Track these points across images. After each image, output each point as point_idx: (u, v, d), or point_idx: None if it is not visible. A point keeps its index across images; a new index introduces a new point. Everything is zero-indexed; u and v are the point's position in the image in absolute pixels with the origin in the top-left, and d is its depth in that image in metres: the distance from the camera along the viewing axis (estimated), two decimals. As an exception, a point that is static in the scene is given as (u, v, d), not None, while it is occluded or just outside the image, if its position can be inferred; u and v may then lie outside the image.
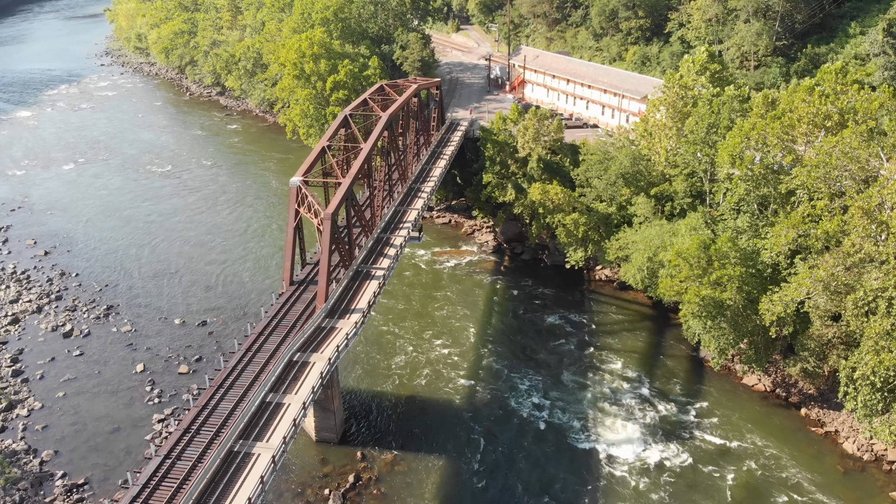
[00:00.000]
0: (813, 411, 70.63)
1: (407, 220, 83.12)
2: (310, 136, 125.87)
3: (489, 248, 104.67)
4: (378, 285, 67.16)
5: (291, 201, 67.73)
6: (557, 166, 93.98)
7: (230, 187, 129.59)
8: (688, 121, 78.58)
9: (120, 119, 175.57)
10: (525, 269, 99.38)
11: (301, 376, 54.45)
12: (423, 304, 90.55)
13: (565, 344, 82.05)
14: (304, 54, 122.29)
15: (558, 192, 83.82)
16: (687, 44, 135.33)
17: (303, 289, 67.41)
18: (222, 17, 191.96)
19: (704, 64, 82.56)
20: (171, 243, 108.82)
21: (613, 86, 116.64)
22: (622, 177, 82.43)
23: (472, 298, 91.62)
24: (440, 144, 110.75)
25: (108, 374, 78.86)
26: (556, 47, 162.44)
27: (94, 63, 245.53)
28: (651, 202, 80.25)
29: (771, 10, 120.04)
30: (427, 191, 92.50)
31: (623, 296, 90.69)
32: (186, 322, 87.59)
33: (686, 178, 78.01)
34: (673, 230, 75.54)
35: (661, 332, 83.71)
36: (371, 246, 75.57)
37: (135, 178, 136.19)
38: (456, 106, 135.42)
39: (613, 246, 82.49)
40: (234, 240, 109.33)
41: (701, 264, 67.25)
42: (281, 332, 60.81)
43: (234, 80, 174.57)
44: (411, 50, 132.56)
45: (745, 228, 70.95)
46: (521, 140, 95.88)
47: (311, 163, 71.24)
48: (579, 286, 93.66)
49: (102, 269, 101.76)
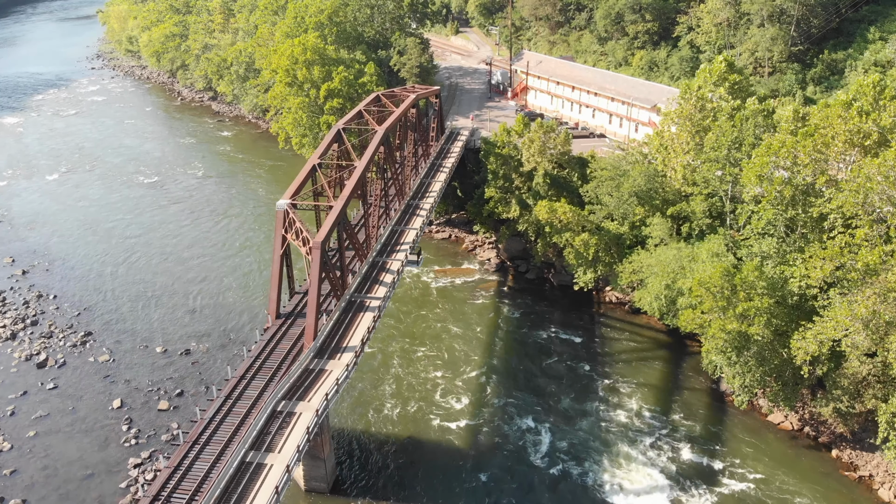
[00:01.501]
0: (845, 453, 65.04)
1: (405, 242, 77.43)
2: (303, 146, 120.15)
3: (491, 266, 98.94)
4: (373, 318, 61.44)
5: (278, 227, 61.99)
6: (564, 181, 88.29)
7: (218, 199, 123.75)
8: (707, 136, 72.89)
9: (107, 126, 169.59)
10: (530, 289, 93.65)
11: (286, 430, 48.73)
12: (423, 330, 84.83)
13: (576, 376, 76.34)
14: (296, 60, 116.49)
15: (567, 210, 78.12)
16: (696, 48, 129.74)
17: (290, 322, 61.66)
18: (214, 20, 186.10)
19: (723, 74, 76.83)
20: (156, 260, 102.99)
21: (622, 94, 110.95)
22: (636, 195, 76.72)
23: (474, 323, 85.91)
24: (440, 156, 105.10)
25: (82, 410, 73.09)
26: (559, 51, 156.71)
27: (85, 66, 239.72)
28: (667, 223, 74.53)
29: (786, 15, 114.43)
30: (426, 208, 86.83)
31: (635, 320, 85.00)
32: (168, 350, 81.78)
33: (706, 198, 72.27)
34: (692, 254, 69.80)
35: (678, 361, 78.04)
36: (366, 272, 69.87)
37: (120, 189, 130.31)
38: (456, 113, 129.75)
39: (627, 269, 76.81)
40: (221, 256, 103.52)
41: (725, 295, 61.61)
42: (265, 374, 55.09)
43: (226, 85, 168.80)
44: (409, 55, 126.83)
45: (770, 254, 65.27)
46: (526, 153, 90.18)
47: (301, 183, 65.49)
48: (588, 309, 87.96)
49: (82, 289, 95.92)
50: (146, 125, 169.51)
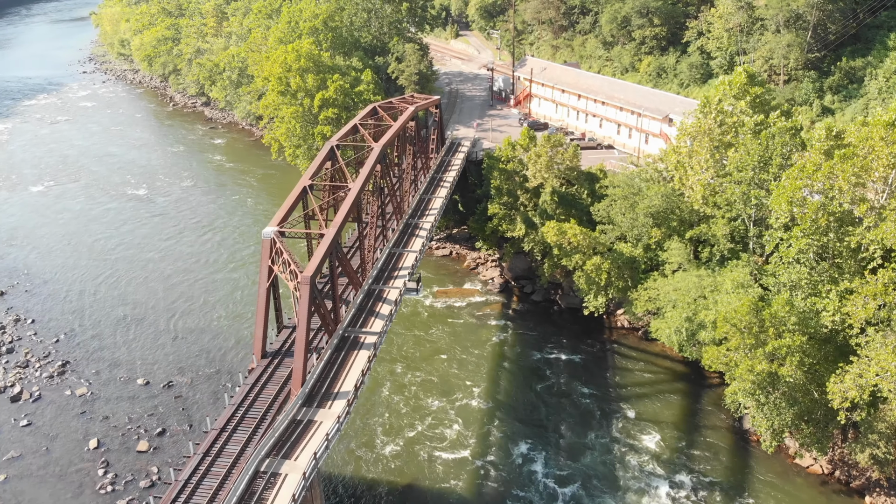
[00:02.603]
0: (879, 500, 59.87)
1: (403, 266, 72.09)
2: (296, 157, 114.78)
3: (495, 286, 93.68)
4: (368, 358, 56.10)
5: (264, 257, 56.66)
6: (573, 199, 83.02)
7: (207, 212, 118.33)
8: (730, 154, 67.65)
9: (95, 133, 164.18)
10: (536, 312, 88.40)
11: (269, 496, 43.43)
12: (422, 358, 79.59)
13: (585, 411, 71.08)
14: (289, 68, 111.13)
15: (577, 232, 72.83)
16: (707, 55, 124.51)
17: (278, 362, 56.30)
18: (207, 24, 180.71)
19: (744, 86, 71.58)
20: (139, 279, 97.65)
21: (631, 103, 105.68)
22: (651, 216, 71.46)
23: (476, 350, 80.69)
24: (440, 169, 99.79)
25: (57, 450, 67.79)
26: (563, 56, 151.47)
27: (77, 70, 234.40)
28: (686, 248, 69.25)
29: (802, 20, 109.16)
30: (426, 227, 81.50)
31: (649, 348, 79.79)
32: (150, 382, 76.47)
33: (728, 222, 66.99)
34: (715, 284, 64.51)
35: (697, 395, 72.80)
36: (360, 302, 64.55)
37: (105, 202, 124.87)
38: (456, 122, 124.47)
39: (642, 296, 71.53)
40: (207, 274, 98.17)
41: (753, 331, 56.42)
42: (249, 425, 49.80)
43: (219, 91, 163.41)
44: (407, 62, 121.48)
45: (800, 283, 59.99)
46: (533, 168, 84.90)
47: (289, 208, 60.13)
48: (599, 335, 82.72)
49: (62, 313, 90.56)
50: (135, 132, 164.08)
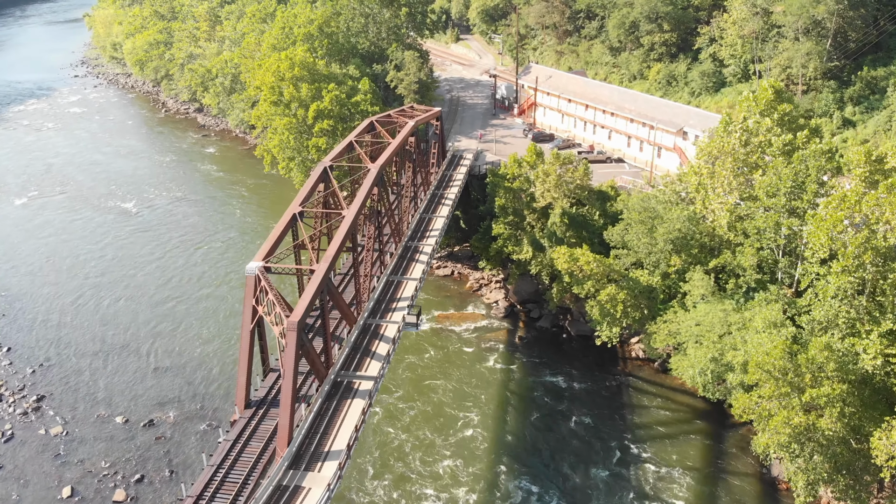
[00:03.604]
0: (924, 557, 54.65)
1: (402, 297, 66.67)
2: (290, 170, 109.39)
3: (500, 310, 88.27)
4: (362, 410, 50.67)
5: (247, 295, 51.28)
6: (584, 220, 77.66)
7: (196, 227, 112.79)
8: (757, 178, 62.29)
9: (84, 141, 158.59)
10: (544, 340, 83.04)
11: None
12: (420, 392, 74.24)
13: (598, 450, 65.72)
14: (282, 77, 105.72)
15: (590, 260, 67.43)
16: (720, 62, 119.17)
17: (263, 413, 50.87)
18: (200, 28, 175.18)
19: (771, 102, 66.22)
20: (123, 302, 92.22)
21: (643, 115, 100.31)
22: (671, 242, 66.06)
23: (479, 381, 75.39)
24: (441, 184, 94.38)
25: (27, 498, 62.47)
26: (567, 62, 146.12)
27: (68, 74, 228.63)
28: (710, 279, 63.84)
29: (821, 27, 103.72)
30: (427, 251, 76.09)
31: (666, 381, 74.46)
32: (130, 420, 71.04)
33: (756, 251, 61.59)
34: (743, 320, 59.07)
35: (719, 435, 67.46)
36: (355, 340, 59.12)
37: (89, 215, 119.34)
38: (458, 133, 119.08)
39: (661, 330, 66.13)
40: (195, 297, 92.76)
41: (788, 378, 51.11)
42: (229, 490, 44.38)
43: (211, 98, 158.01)
44: (407, 70, 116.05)
45: (836, 321, 54.63)
46: (541, 187, 79.53)
47: (276, 239, 54.69)
48: (612, 367, 77.36)
49: (39, 340, 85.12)
50: (125, 140, 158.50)
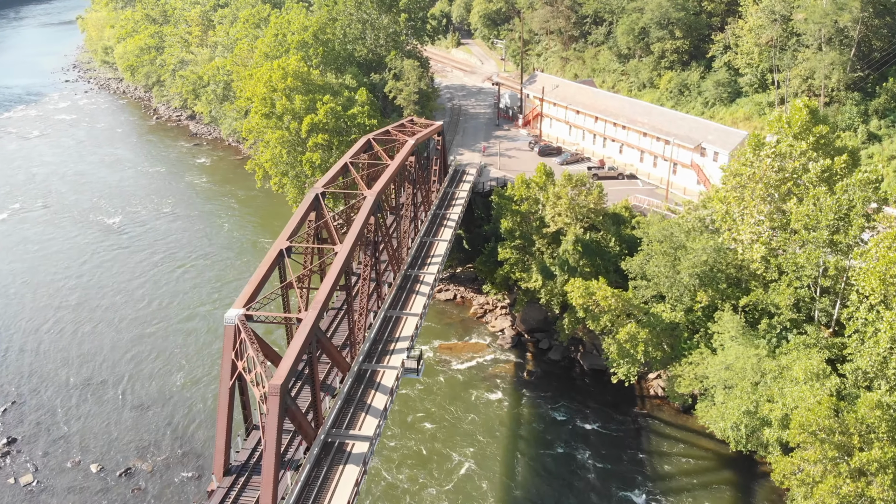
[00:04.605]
0: None
1: (401, 336, 60.70)
2: (282, 186, 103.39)
3: (506, 340, 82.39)
4: (355, 481, 44.66)
5: (226, 348, 45.32)
6: (598, 247, 71.75)
7: (184, 247, 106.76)
8: (793, 208, 56.37)
9: (70, 149, 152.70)
10: (554, 374, 77.13)
11: None
12: (417, 431, 68.35)
13: (613, 502, 59.96)
14: (274, 88, 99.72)
15: (608, 294, 61.52)
16: (735, 71, 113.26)
17: (244, 482, 44.90)
18: (192, 32, 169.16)
19: (806, 123, 60.34)
20: (102, 330, 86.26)
21: (658, 129, 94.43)
22: (698, 276, 60.15)
23: (485, 423, 69.52)
24: (443, 203, 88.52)
25: (-15, 560, 56.68)
26: (573, 69, 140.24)
27: (59, 79, 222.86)
28: (741, 320, 57.91)
29: (845, 36, 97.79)
30: (429, 281, 70.16)
31: (688, 423, 68.50)
32: (105, 468, 65.06)
33: (795, 290, 55.70)
34: (779, 367, 53.19)
35: (749, 488, 61.42)
36: (348, 391, 53.16)
37: (72, 232, 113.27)
38: (460, 145, 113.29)
39: (687, 373, 60.26)
40: (179, 323, 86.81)
41: (835, 439, 45.26)
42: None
43: (203, 106, 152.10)
44: (406, 80, 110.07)
45: (884, 373, 48.77)
46: (551, 211, 73.59)
47: (259, 282, 48.66)
48: (629, 406, 71.40)
49: (12, 374, 79.17)
50: (114, 149, 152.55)
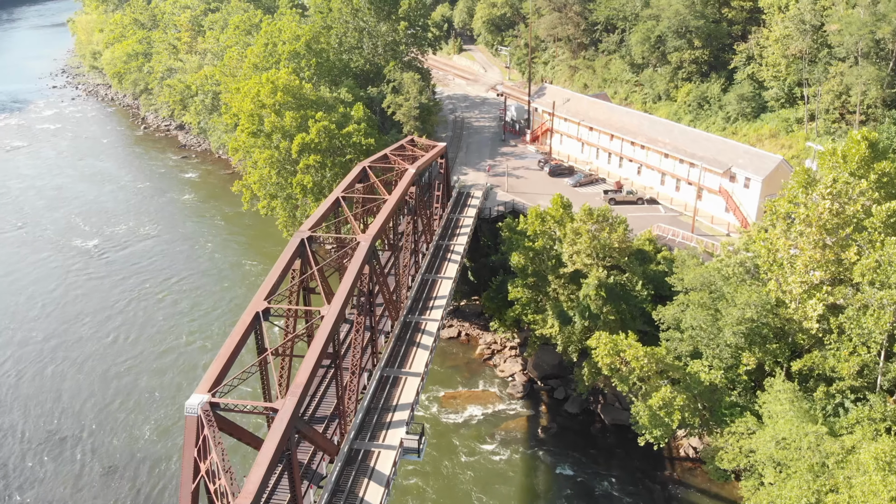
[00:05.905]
0: None
1: (399, 404, 52.42)
2: (271, 209, 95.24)
3: (518, 388, 74.23)
4: None
5: (187, 443, 37.11)
6: (624, 291, 63.56)
7: (168, 274, 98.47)
8: (853, 258, 48.26)
9: (52, 164, 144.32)
10: (571, 429, 68.95)
11: None
12: (417, 497, 60.10)
13: None
14: (262, 104, 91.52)
15: (640, 353, 53.33)
16: (759, 84, 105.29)
17: None
18: (181, 39, 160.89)
19: (865, 159, 52.26)
20: (68, 376, 77.89)
21: (681, 150, 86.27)
22: (743, 335, 52.04)
23: (493, 487, 61.27)
24: (446, 232, 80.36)
25: None
26: (582, 78, 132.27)
27: (46, 84, 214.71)
28: (794, 388, 49.78)
29: (881, 49, 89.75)
30: (431, 330, 61.80)
31: (726, 493, 60.36)
32: (61, 549, 57.07)
33: (858, 356, 47.69)
34: (843, 450, 45.08)
35: (802, 578, 53.29)
36: (336, 479, 44.89)
37: (45, 256, 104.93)
38: (463, 164, 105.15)
39: (731, 446, 52.08)
40: (157, 366, 78.60)
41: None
42: None
43: (192, 116, 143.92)
44: (406, 94, 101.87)
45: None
46: (570, 249, 65.32)
47: (228, 359, 40.33)
48: (657, 469, 63.20)
49: (-35, 427, 71.08)
50: (98, 162, 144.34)
